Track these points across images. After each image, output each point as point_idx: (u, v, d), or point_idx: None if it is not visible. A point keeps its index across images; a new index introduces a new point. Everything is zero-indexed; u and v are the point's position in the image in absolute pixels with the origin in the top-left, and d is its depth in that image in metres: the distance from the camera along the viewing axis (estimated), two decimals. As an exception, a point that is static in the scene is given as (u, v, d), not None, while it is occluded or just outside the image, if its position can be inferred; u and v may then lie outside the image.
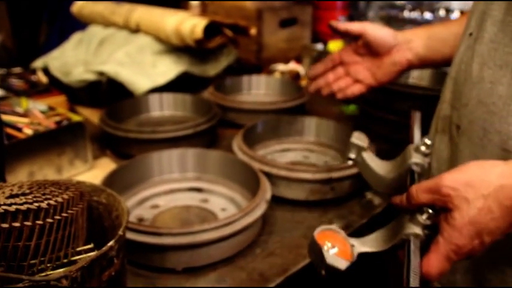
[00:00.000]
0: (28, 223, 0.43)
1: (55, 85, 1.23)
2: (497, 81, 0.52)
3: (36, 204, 0.45)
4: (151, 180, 0.84)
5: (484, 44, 0.53)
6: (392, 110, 1.05)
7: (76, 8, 1.56)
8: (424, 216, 0.48)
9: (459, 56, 0.59)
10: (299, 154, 1.00)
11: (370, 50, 0.81)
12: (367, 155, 0.66)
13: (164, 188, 0.84)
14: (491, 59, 0.53)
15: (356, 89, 0.84)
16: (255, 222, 0.68)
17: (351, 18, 1.91)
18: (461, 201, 0.45)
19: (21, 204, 0.44)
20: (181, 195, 0.84)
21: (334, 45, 1.70)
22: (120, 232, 0.47)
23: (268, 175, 0.79)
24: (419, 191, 0.48)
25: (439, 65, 0.80)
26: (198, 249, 0.64)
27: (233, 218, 0.64)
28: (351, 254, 0.50)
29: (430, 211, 0.48)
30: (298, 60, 1.63)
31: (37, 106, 0.96)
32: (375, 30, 0.79)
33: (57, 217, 0.45)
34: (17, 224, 0.42)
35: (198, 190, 0.84)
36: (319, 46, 1.68)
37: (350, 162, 0.67)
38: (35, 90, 1.18)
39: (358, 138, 0.66)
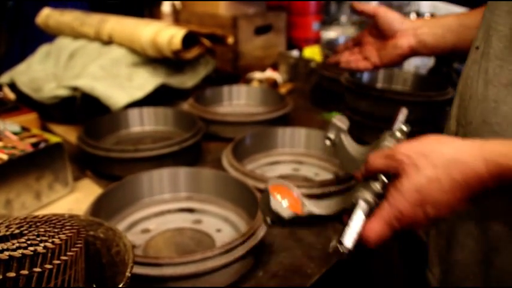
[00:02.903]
0: (25, 272, 0.38)
1: (24, 102, 1.16)
2: (502, 101, 0.49)
3: (31, 248, 0.40)
4: (141, 203, 0.79)
5: (490, 61, 0.51)
6: (375, 116, 1.04)
7: (41, 18, 1.49)
8: (378, 184, 0.48)
9: (466, 70, 0.57)
10: (288, 167, 0.97)
11: (379, 32, 0.87)
12: (345, 137, 0.67)
13: (154, 210, 0.79)
14: (496, 77, 0.50)
15: (361, 65, 0.91)
16: (257, 245, 0.64)
17: (324, 23, 1.91)
18: (412, 168, 0.44)
19: (14, 250, 0.40)
20: (172, 216, 0.79)
21: (310, 52, 1.69)
22: (128, 273, 0.43)
23: (263, 192, 0.76)
24: (376, 157, 0.49)
25: (445, 53, 0.83)
26: (201, 278, 0.60)
27: (236, 243, 0.61)
28: (300, 210, 0.51)
29: (385, 180, 0.48)
30: (275, 67, 1.61)
31: (8, 127, 0.89)
32: (385, 14, 0.84)
33: (56, 261, 0.40)
34: (12, 274, 0.38)
35: (190, 211, 0.80)
36: (295, 53, 1.66)
37: (328, 142, 0.66)
38: (3, 109, 1.11)
39: (340, 121, 0.66)
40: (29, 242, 0.41)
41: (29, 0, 1.87)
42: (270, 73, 1.51)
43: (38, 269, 0.39)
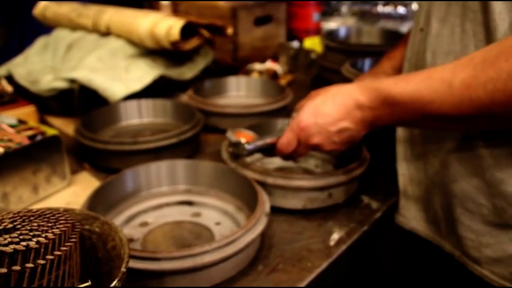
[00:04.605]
0: (16, 268, 0.37)
1: (21, 94, 1.15)
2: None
3: (23, 243, 0.39)
4: (139, 196, 0.78)
5: (433, 38, 0.64)
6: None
7: (38, 10, 1.47)
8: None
9: (415, 47, 0.70)
10: (289, 159, 0.96)
11: None
12: None
13: (153, 203, 0.78)
14: (439, 49, 0.63)
15: None
16: (256, 238, 0.63)
17: (324, 13, 1.89)
18: (314, 96, 0.66)
19: (5, 245, 0.39)
20: (171, 210, 0.78)
21: (310, 43, 1.68)
22: (123, 269, 0.42)
23: (263, 184, 0.75)
24: (299, 103, 0.72)
25: None
26: (199, 272, 0.59)
27: (234, 236, 0.60)
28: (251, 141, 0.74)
29: None
30: (275, 58, 1.59)
31: (5, 120, 0.88)
32: None
33: (50, 257, 0.39)
34: (3, 270, 0.37)
35: (189, 203, 0.79)
36: (295, 44, 1.65)
37: None
38: (0, 101, 1.09)
39: None
40: (21, 237, 0.40)
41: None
42: (270, 64, 1.50)
43: (30, 265, 0.38)
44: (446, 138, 0.63)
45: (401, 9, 1.74)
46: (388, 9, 1.76)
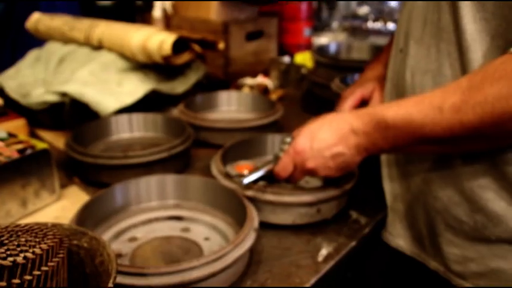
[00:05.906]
0: (3, 284, 0.37)
1: (12, 107, 1.15)
2: (425, 85, 0.63)
3: (10, 259, 0.39)
4: (128, 210, 0.78)
5: (411, 58, 0.66)
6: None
7: (31, 23, 1.48)
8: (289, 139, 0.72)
9: (396, 68, 0.71)
10: (278, 173, 0.96)
11: None
12: None
13: (142, 218, 0.78)
14: (417, 69, 0.64)
15: None
16: (245, 254, 0.64)
17: (315, 29, 1.91)
18: (311, 122, 0.68)
19: (-7, 261, 0.39)
20: (160, 225, 0.78)
21: (301, 58, 1.70)
22: (110, 284, 0.42)
23: (252, 200, 0.76)
24: (295, 130, 0.72)
25: None
26: (187, 288, 0.59)
27: (223, 252, 0.60)
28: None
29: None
30: (266, 73, 1.60)
31: (-5, 133, 0.88)
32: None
33: (37, 272, 0.39)
34: (-10, 286, 0.37)
35: (178, 219, 0.79)
36: (286, 59, 1.66)
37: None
38: (-10, 114, 1.09)
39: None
40: (8, 252, 0.40)
41: (21, 1, 1.86)
42: (261, 79, 1.51)
43: (17, 280, 0.38)
44: (426, 158, 0.65)
45: (391, 26, 1.77)
46: (378, 25, 1.80)
